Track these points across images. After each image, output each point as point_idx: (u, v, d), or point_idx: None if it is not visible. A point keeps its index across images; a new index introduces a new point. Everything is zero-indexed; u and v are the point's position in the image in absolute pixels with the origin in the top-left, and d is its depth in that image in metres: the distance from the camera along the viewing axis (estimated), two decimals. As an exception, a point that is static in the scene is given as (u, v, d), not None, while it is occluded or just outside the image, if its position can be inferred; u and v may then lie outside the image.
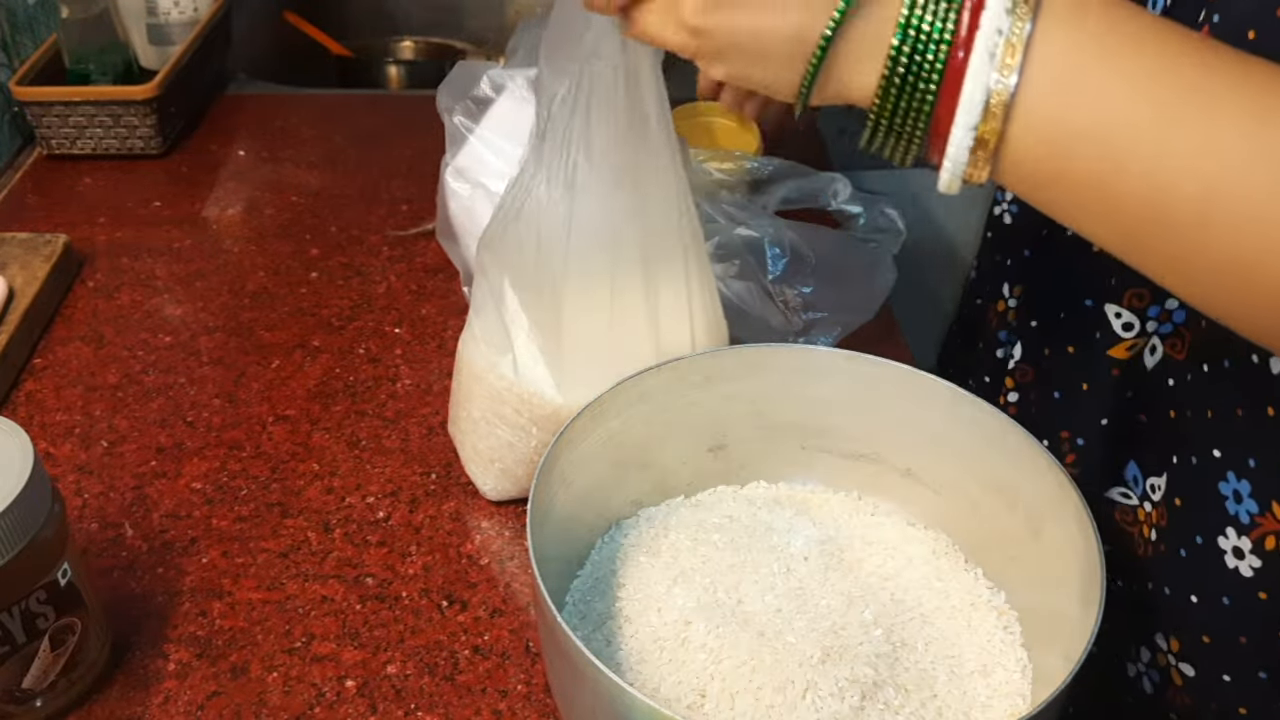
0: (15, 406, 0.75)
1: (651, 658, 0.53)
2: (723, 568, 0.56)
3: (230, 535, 0.66)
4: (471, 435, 0.66)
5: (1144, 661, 0.60)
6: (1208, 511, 0.54)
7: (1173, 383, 0.57)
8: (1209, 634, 0.55)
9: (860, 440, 0.62)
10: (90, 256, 0.90)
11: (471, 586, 0.64)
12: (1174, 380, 0.57)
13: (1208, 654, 0.56)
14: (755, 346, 0.61)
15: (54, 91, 0.99)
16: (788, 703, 0.50)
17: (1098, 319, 0.60)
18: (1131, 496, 0.61)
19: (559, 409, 0.61)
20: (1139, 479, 0.60)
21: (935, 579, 0.58)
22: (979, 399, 0.56)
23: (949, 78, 0.39)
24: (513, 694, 0.58)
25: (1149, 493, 0.59)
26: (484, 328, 0.63)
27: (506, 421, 0.64)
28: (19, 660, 0.53)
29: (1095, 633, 0.45)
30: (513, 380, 0.62)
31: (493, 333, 0.63)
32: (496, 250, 0.61)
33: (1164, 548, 0.58)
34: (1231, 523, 0.52)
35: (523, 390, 0.62)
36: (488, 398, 0.64)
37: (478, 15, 1.47)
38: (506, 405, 0.63)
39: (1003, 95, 0.38)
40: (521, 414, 0.63)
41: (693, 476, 0.63)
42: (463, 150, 0.76)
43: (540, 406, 0.62)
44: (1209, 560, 0.54)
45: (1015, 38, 0.38)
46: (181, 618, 0.61)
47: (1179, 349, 0.57)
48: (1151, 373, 0.59)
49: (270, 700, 0.57)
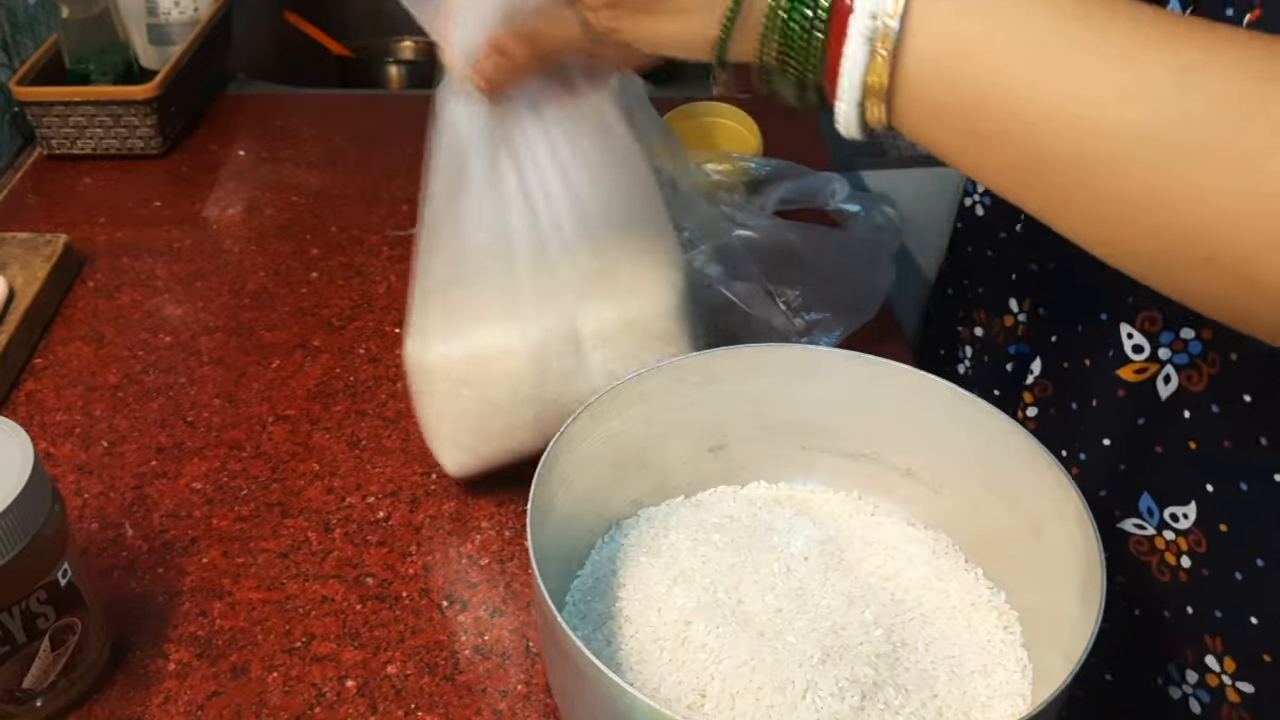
0: (15, 406, 0.75)
1: (651, 658, 0.53)
2: (723, 568, 0.56)
3: (230, 535, 0.66)
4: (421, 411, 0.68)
5: (1190, 683, 0.60)
6: (1269, 535, 0.54)
7: (1189, 414, 0.57)
8: (1270, 653, 0.55)
9: (860, 440, 0.62)
10: (90, 256, 0.90)
11: (472, 586, 0.64)
12: (1190, 412, 0.57)
13: (1268, 671, 0.56)
14: (755, 346, 0.61)
15: (54, 91, 0.99)
16: (788, 703, 0.50)
17: (1112, 335, 0.60)
18: (1146, 527, 0.61)
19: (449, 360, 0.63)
20: (1154, 510, 0.60)
21: (935, 579, 0.58)
22: (979, 399, 0.56)
23: (835, 23, 0.41)
24: (513, 694, 0.58)
25: (1169, 521, 0.59)
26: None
27: (437, 394, 0.65)
28: (19, 660, 0.53)
29: (1095, 633, 0.45)
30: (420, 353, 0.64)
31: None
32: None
33: (1207, 572, 0.57)
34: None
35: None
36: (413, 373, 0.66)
37: (478, 15, 1.46)
38: (434, 378, 0.64)
39: (888, 35, 0.40)
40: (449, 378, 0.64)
41: (693, 476, 0.63)
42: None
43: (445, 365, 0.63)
44: (1266, 584, 0.54)
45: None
46: (182, 618, 0.61)
47: (1195, 380, 0.56)
48: (1166, 403, 0.58)
49: (270, 700, 0.57)
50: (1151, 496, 0.60)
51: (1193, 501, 0.58)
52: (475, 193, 0.61)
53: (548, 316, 0.62)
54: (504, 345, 0.63)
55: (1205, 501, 0.57)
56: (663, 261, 0.65)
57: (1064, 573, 0.52)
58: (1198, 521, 0.58)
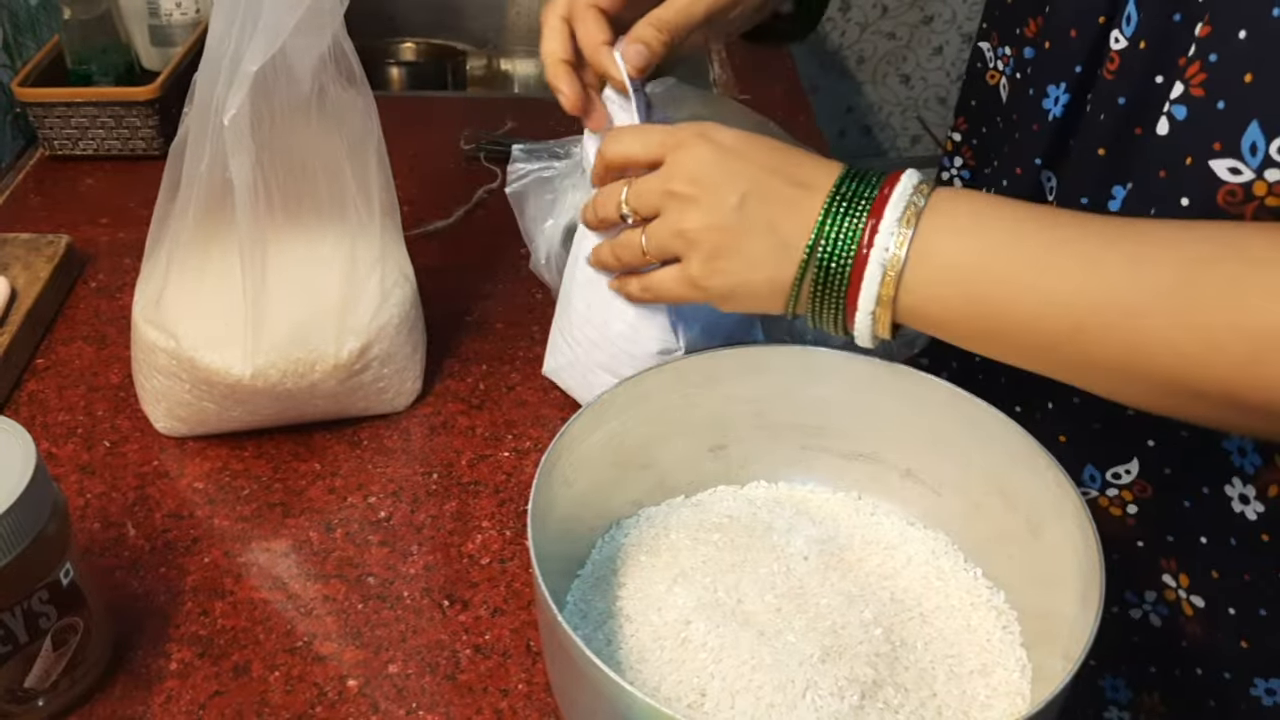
0: (18, 406, 0.75)
1: (652, 657, 0.53)
2: (723, 567, 0.57)
3: (232, 535, 0.66)
4: (138, 375, 0.72)
5: (1149, 601, 0.63)
6: (1204, 470, 0.58)
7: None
8: (1218, 570, 0.59)
9: (860, 440, 0.62)
10: (93, 257, 0.90)
11: (473, 586, 0.64)
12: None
13: (1218, 586, 0.59)
14: (755, 346, 0.61)
15: (56, 93, 0.99)
16: (788, 702, 0.50)
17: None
18: (1090, 492, 0.63)
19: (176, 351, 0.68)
20: (1096, 476, 0.63)
21: (935, 579, 0.58)
22: (978, 399, 0.57)
23: (854, 273, 0.53)
24: (514, 693, 0.58)
25: (1110, 480, 0.62)
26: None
27: (159, 369, 0.69)
28: (21, 660, 0.53)
29: (1095, 632, 0.46)
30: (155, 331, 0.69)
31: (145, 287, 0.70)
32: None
33: (1154, 511, 0.61)
34: (1237, 473, 0.57)
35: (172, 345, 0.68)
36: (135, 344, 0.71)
37: (478, 16, 1.47)
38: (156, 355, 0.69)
39: (896, 267, 0.52)
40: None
41: (693, 476, 0.63)
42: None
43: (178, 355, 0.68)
44: (1214, 506, 0.58)
45: (902, 236, 0.51)
46: (183, 617, 0.62)
47: None
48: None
49: (272, 699, 0.57)
50: (1093, 466, 0.63)
51: (1135, 459, 0.61)
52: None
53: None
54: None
55: (1147, 456, 0.60)
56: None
57: (1063, 572, 0.52)
58: (1141, 474, 0.61)
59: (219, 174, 0.63)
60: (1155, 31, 0.54)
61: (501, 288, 0.87)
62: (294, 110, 0.64)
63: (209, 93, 0.62)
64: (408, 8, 1.46)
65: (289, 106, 0.63)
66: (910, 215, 0.52)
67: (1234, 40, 0.48)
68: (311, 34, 0.62)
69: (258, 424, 0.71)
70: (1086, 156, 0.59)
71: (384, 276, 0.71)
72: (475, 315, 0.84)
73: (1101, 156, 0.58)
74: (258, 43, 0.60)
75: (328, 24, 0.63)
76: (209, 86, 0.62)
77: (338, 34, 0.64)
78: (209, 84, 0.62)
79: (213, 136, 0.62)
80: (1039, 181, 0.63)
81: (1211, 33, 0.49)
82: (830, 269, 0.53)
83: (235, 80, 0.61)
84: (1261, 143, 0.48)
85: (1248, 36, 0.48)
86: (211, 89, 0.62)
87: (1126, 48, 0.55)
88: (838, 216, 0.53)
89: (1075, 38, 0.59)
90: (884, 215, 0.52)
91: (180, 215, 0.66)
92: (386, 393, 0.73)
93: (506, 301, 0.85)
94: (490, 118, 1.07)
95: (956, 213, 0.52)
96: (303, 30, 0.61)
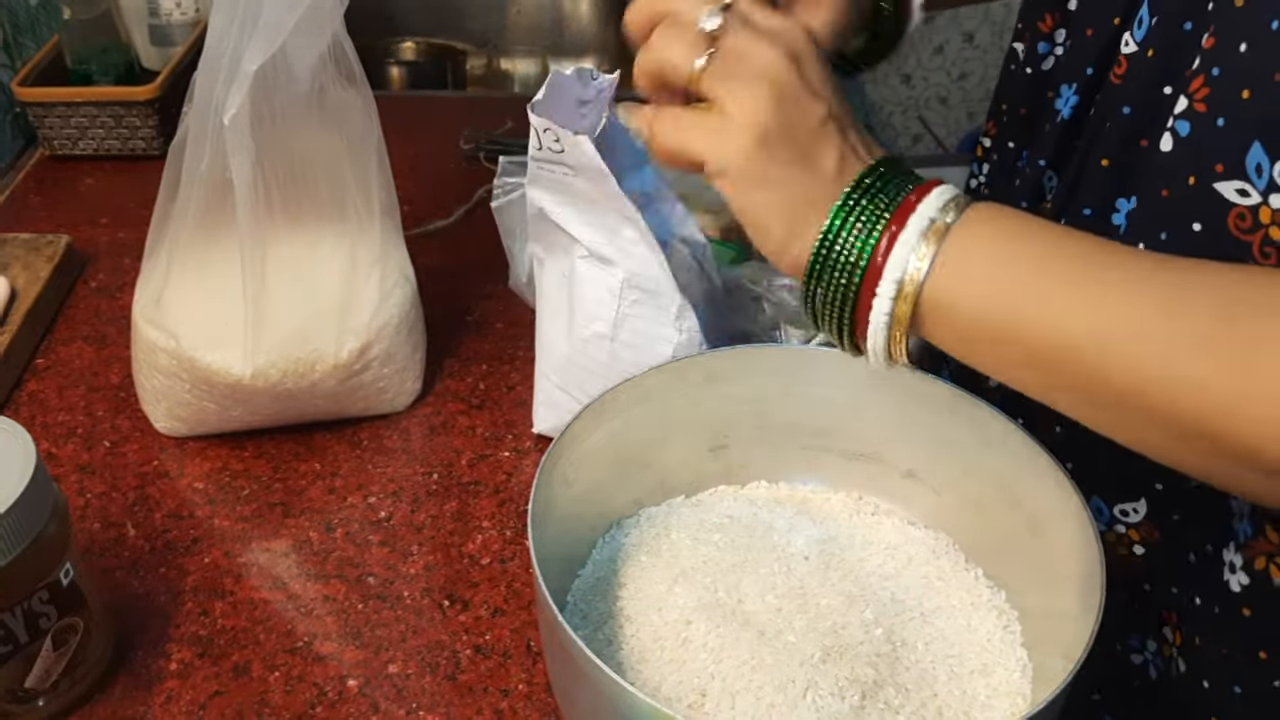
0: (18, 406, 0.75)
1: (652, 657, 0.53)
2: (723, 567, 0.57)
3: (232, 535, 0.66)
4: (138, 375, 0.72)
5: (1150, 651, 0.61)
6: (1211, 526, 0.55)
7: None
8: (1200, 637, 0.56)
9: (860, 440, 0.62)
10: (93, 257, 0.90)
11: (473, 586, 0.64)
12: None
13: (1197, 655, 0.56)
14: (755, 346, 0.61)
15: (56, 92, 0.99)
16: (788, 702, 0.50)
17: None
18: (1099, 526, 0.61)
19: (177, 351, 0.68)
20: (1104, 510, 0.60)
21: (935, 579, 0.58)
22: (979, 399, 0.56)
23: (868, 277, 0.47)
24: (514, 693, 0.58)
25: (1118, 516, 0.59)
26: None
27: (159, 369, 0.69)
28: (21, 660, 0.53)
29: (1095, 632, 0.46)
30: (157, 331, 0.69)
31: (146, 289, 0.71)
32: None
33: (1162, 557, 0.58)
34: (1233, 538, 0.53)
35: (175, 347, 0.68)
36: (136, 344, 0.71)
37: (478, 15, 1.47)
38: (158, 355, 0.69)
39: (915, 278, 0.46)
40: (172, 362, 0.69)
41: (693, 476, 0.63)
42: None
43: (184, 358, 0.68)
44: (1212, 569, 0.55)
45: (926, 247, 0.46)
46: (184, 617, 0.62)
47: None
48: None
49: (272, 699, 0.57)
50: (1101, 500, 0.60)
51: (1143, 499, 0.58)
52: None
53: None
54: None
55: (1155, 498, 0.57)
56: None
57: (1064, 572, 0.52)
58: (1148, 516, 0.58)
59: (219, 173, 0.63)
60: (1165, 39, 0.52)
61: (501, 287, 0.87)
62: (294, 110, 0.64)
63: (209, 92, 0.62)
64: (408, 7, 1.45)
65: (289, 106, 0.63)
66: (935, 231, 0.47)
67: (1235, 53, 0.46)
68: (311, 33, 0.62)
69: (258, 424, 0.71)
70: (1091, 164, 0.57)
71: (384, 276, 0.71)
72: (475, 315, 0.84)
73: (1106, 167, 0.56)
74: (257, 42, 0.60)
75: (327, 23, 0.63)
76: (209, 86, 0.62)
77: (338, 33, 0.64)
78: (209, 83, 0.62)
79: (213, 136, 0.62)
80: (1040, 182, 0.63)
81: (1215, 44, 0.47)
82: (840, 273, 0.48)
83: (235, 80, 0.61)
84: (1266, 164, 0.46)
85: (1248, 50, 0.46)
86: (211, 88, 0.62)
87: (1135, 52, 0.54)
88: (852, 219, 0.47)
89: (1091, 37, 0.57)
90: (907, 224, 0.47)
91: (180, 215, 0.66)
92: (386, 393, 0.73)
93: (506, 301, 0.85)
94: (490, 117, 1.07)
95: (982, 235, 0.47)
96: (302, 29, 0.61)
